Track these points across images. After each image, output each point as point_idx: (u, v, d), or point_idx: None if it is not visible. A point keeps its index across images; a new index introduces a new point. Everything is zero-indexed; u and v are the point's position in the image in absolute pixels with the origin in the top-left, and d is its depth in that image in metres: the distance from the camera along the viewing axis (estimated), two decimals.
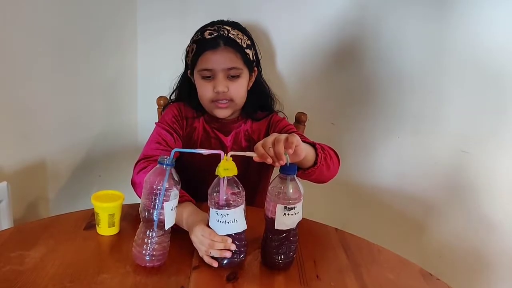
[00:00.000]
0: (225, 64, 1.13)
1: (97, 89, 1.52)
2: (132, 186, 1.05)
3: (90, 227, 0.97)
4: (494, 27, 1.32)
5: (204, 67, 1.14)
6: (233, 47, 1.14)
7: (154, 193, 0.82)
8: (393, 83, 1.45)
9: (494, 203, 1.45)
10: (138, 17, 1.62)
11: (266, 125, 1.26)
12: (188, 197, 0.98)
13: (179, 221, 0.93)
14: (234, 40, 1.15)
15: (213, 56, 1.13)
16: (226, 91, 1.14)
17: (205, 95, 1.17)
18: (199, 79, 1.17)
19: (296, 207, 0.85)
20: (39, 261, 0.83)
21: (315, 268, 0.90)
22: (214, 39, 1.13)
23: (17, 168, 1.24)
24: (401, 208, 1.55)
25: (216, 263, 0.85)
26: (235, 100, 1.17)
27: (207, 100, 1.18)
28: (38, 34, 1.23)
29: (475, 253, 1.50)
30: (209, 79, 1.15)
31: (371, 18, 1.41)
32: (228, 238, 0.84)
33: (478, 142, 1.42)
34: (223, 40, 1.13)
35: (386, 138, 1.51)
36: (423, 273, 0.93)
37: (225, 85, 1.14)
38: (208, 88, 1.16)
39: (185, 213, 0.94)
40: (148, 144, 1.14)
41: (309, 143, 0.98)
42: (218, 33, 1.14)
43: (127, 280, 0.81)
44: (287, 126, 1.23)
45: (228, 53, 1.14)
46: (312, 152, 0.96)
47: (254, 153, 0.84)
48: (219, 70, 1.13)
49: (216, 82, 1.14)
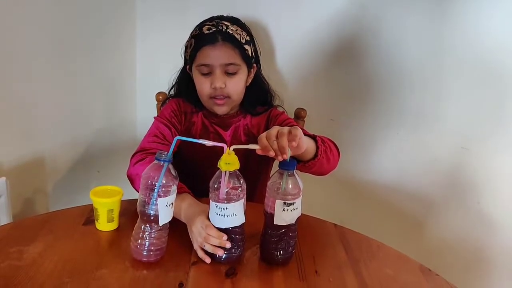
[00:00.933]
0: (223, 60, 1.13)
1: (96, 86, 1.52)
2: (128, 178, 1.05)
3: (89, 222, 0.97)
4: (493, 25, 1.32)
5: (202, 62, 1.14)
6: (232, 43, 1.13)
7: (151, 188, 0.81)
8: (393, 79, 1.45)
9: (493, 200, 1.45)
10: (137, 14, 1.61)
11: (265, 119, 1.25)
12: (186, 189, 0.98)
13: (177, 213, 0.92)
14: (233, 36, 1.14)
15: (211, 51, 1.12)
16: (224, 87, 1.14)
17: (203, 91, 1.17)
18: (197, 74, 1.17)
19: (295, 202, 0.84)
20: (38, 257, 0.83)
21: (314, 264, 0.90)
22: (212, 34, 1.13)
23: (16, 164, 1.24)
24: (400, 205, 1.55)
25: (208, 259, 0.85)
26: (232, 96, 1.17)
27: (206, 96, 1.17)
28: (37, 31, 1.23)
29: (474, 249, 1.51)
30: (207, 75, 1.15)
31: (370, 15, 1.41)
32: (224, 235, 0.84)
33: (478, 139, 1.42)
34: (221, 36, 1.13)
35: (385, 135, 1.51)
36: (422, 269, 0.93)
37: (223, 81, 1.14)
38: (206, 84, 1.15)
39: (184, 204, 0.93)
40: (146, 137, 1.14)
41: (309, 135, 0.98)
42: (217, 28, 1.13)
43: (126, 275, 0.81)
44: (287, 119, 1.22)
45: (226, 48, 1.13)
46: (313, 145, 0.96)
47: (256, 146, 0.83)
48: (217, 65, 1.13)
49: (214, 78, 1.14)
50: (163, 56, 1.59)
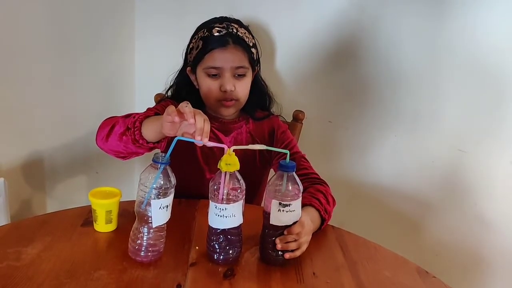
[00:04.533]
0: (233, 63, 1.12)
1: (95, 87, 1.52)
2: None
3: (87, 223, 0.97)
4: (490, 27, 1.33)
5: (212, 65, 1.12)
6: (241, 46, 1.13)
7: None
8: (391, 82, 1.45)
9: (490, 202, 1.46)
10: (136, 15, 1.61)
11: (268, 129, 1.25)
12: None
13: (158, 126, 0.91)
14: (243, 39, 1.13)
15: (221, 54, 1.11)
16: (233, 90, 1.13)
17: (211, 93, 1.15)
18: (204, 76, 1.15)
19: (292, 204, 0.85)
20: (36, 257, 0.83)
21: (311, 265, 0.90)
22: (223, 36, 1.11)
23: (14, 165, 1.24)
24: (398, 206, 1.55)
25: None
26: (240, 99, 1.16)
27: (214, 99, 1.15)
28: (36, 32, 1.23)
29: (471, 251, 1.51)
30: (215, 77, 1.13)
31: (368, 17, 1.42)
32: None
33: (475, 141, 1.42)
34: (232, 38, 1.12)
35: (383, 137, 1.51)
36: (419, 271, 0.93)
37: (233, 84, 1.13)
38: (214, 86, 1.14)
39: (158, 118, 0.93)
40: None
41: (311, 203, 1.00)
42: (227, 30, 1.12)
43: (124, 276, 0.81)
44: (290, 141, 1.23)
45: (237, 51, 1.12)
46: (317, 216, 0.99)
47: (257, 146, 0.84)
48: (227, 68, 1.12)
49: (224, 81, 1.12)
50: (161, 57, 1.59)
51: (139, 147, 0.97)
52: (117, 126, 0.99)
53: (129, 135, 0.96)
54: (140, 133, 0.95)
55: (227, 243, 0.85)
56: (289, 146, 1.20)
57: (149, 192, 0.81)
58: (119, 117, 1.02)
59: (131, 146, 0.97)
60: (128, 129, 0.96)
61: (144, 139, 0.95)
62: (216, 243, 0.86)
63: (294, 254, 0.88)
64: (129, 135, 0.96)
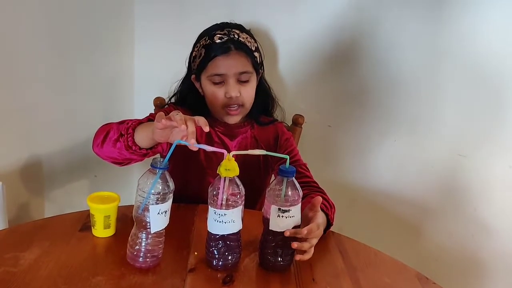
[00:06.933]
0: (236, 69, 1.12)
1: (94, 89, 1.52)
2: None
3: (85, 228, 0.96)
4: (489, 30, 1.33)
5: (215, 72, 1.12)
6: (244, 51, 1.13)
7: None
8: (390, 86, 1.45)
9: (490, 207, 1.45)
10: (136, 18, 1.61)
11: (273, 135, 1.25)
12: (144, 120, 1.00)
13: (149, 133, 0.92)
14: (245, 44, 1.13)
15: (224, 61, 1.11)
16: (239, 95, 1.13)
17: (217, 100, 1.15)
18: (208, 84, 1.15)
19: (291, 210, 0.84)
20: (34, 263, 0.83)
21: (311, 271, 0.89)
22: (225, 43, 1.11)
23: (13, 168, 1.23)
24: (397, 211, 1.55)
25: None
26: (245, 104, 1.16)
27: (219, 106, 1.15)
28: (36, 34, 1.22)
29: (471, 256, 1.51)
30: (219, 85, 1.13)
31: (367, 20, 1.42)
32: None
33: (475, 145, 1.42)
34: (234, 45, 1.12)
35: (382, 141, 1.51)
36: (419, 277, 0.93)
37: (237, 90, 1.13)
38: (219, 94, 1.14)
39: (150, 124, 0.94)
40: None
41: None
42: (229, 37, 1.12)
43: (122, 282, 0.80)
44: (292, 149, 1.23)
45: (240, 57, 1.12)
46: (325, 220, 1.00)
47: (256, 151, 0.83)
48: (231, 74, 1.12)
49: (228, 87, 1.12)
50: (161, 60, 1.59)
51: (132, 153, 0.98)
52: (111, 132, 1.00)
53: (122, 141, 0.96)
54: (133, 139, 0.96)
55: (226, 249, 0.85)
56: (291, 154, 1.20)
57: (147, 197, 0.80)
58: (114, 123, 1.03)
59: (125, 152, 0.98)
60: (121, 135, 0.97)
61: (137, 145, 0.96)
62: (215, 249, 0.85)
63: (303, 257, 0.87)
64: (122, 141, 0.96)
